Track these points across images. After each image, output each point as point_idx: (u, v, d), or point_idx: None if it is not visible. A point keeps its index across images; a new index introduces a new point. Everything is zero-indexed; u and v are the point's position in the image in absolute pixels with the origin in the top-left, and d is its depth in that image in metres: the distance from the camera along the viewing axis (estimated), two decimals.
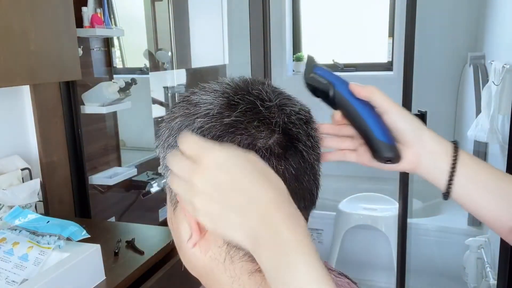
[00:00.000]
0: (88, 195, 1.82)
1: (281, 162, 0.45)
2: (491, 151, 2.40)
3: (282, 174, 0.45)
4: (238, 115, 0.45)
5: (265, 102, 0.46)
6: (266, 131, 0.45)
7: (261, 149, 0.44)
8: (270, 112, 0.46)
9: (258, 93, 0.47)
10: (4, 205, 1.33)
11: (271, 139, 0.45)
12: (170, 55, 2.29)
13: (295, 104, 0.49)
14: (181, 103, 0.49)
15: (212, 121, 0.45)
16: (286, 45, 3.30)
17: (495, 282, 1.99)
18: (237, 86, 0.48)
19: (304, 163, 0.47)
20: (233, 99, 0.46)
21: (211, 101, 0.46)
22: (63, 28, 1.37)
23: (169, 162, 0.43)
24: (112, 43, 2.13)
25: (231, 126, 0.44)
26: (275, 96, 0.48)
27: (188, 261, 0.51)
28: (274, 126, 0.45)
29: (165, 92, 2.31)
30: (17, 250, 1.06)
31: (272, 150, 0.45)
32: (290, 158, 0.46)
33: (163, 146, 0.49)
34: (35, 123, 1.58)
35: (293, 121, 0.47)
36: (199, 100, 0.47)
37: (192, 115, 0.46)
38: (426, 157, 0.54)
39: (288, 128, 0.46)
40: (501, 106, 2.01)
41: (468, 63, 2.63)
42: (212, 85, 0.49)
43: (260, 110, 0.46)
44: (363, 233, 2.68)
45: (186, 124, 0.46)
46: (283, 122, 0.46)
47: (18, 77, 1.23)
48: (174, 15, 2.24)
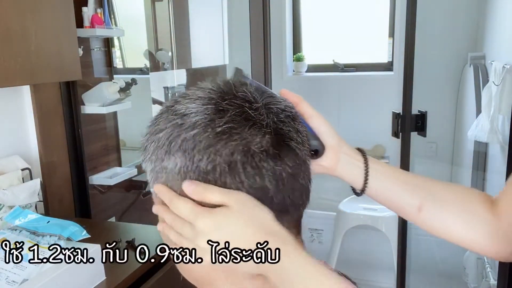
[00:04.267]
0: (88, 195, 1.82)
1: (278, 163, 0.45)
2: (491, 151, 2.40)
3: (279, 175, 0.46)
4: (228, 121, 0.44)
5: (253, 104, 0.46)
6: (259, 133, 0.45)
7: (257, 152, 0.44)
8: (259, 114, 0.46)
9: (243, 95, 0.47)
10: (4, 205, 1.33)
11: (264, 140, 0.45)
12: (170, 55, 2.28)
13: (279, 101, 0.49)
14: (165, 113, 0.48)
15: (204, 131, 0.44)
16: (286, 45, 3.29)
17: (495, 282, 1.98)
18: (222, 91, 0.47)
19: (298, 160, 0.47)
20: (220, 105, 0.45)
21: (198, 109, 0.46)
22: (63, 28, 1.37)
23: (167, 220, 0.48)
24: (112, 43, 2.13)
25: (223, 133, 0.44)
26: (259, 95, 0.48)
27: (186, 271, 0.51)
28: (265, 127, 0.45)
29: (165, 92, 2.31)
30: None
31: (267, 152, 0.45)
32: (285, 158, 0.46)
33: (150, 160, 0.48)
34: (35, 123, 1.58)
35: (282, 120, 0.47)
36: (185, 110, 0.46)
37: (179, 126, 0.46)
38: (344, 158, 0.62)
39: (279, 128, 0.46)
40: (501, 106, 2.00)
41: (468, 63, 2.63)
42: (195, 91, 0.48)
43: (249, 113, 0.45)
44: (363, 233, 2.68)
45: (175, 135, 0.46)
46: (273, 122, 0.46)
47: (18, 77, 1.24)
48: (174, 15, 2.23)
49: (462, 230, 0.62)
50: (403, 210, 0.64)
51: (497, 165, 2.28)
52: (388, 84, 3.02)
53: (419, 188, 0.64)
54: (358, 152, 0.64)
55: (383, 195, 0.64)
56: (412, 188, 0.63)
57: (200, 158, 0.44)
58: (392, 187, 0.63)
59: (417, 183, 0.64)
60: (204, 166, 0.44)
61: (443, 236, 0.64)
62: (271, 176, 0.45)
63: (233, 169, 0.44)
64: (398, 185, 0.63)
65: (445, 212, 0.62)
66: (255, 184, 0.45)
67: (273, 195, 0.46)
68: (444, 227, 0.63)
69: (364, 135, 3.13)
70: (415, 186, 0.64)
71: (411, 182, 0.64)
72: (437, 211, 0.62)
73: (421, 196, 0.63)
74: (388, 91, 2.96)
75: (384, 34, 3.16)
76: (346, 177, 0.63)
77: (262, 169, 0.45)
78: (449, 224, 0.62)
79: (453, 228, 0.62)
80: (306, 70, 3.32)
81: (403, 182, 0.64)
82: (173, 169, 0.46)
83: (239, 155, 0.44)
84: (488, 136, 2.13)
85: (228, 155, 0.44)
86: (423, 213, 0.62)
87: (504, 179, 1.71)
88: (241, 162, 0.44)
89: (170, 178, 0.47)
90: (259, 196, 0.46)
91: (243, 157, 0.44)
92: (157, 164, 0.47)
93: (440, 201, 0.63)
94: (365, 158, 0.63)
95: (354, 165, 0.63)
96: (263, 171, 0.45)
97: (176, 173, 0.46)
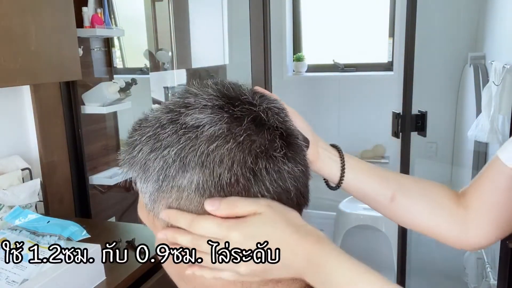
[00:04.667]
0: (89, 195, 1.82)
1: (296, 163, 0.46)
2: (492, 151, 2.40)
3: (297, 175, 0.46)
4: (247, 128, 0.43)
5: (256, 107, 0.45)
6: (273, 137, 0.44)
7: (277, 157, 0.44)
8: (266, 116, 0.45)
9: (246, 99, 0.45)
10: (4, 205, 1.33)
11: (280, 143, 0.44)
12: (170, 55, 2.28)
13: (270, 99, 0.48)
14: (172, 126, 0.44)
15: (225, 142, 0.42)
16: (286, 45, 3.29)
17: (495, 282, 1.98)
18: (225, 95, 0.45)
19: (304, 156, 0.48)
20: (234, 112, 0.44)
21: (211, 119, 0.43)
22: (63, 28, 1.37)
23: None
24: (112, 43, 2.13)
25: (244, 142, 0.43)
26: (255, 96, 0.47)
27: (201, 286, 0.49)
28: (276, 129, 0.45)
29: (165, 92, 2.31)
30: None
31: (286, 154, 0.45)
32: (297, 157, 0.46)
33: (153, 180, 0.45)
34: (35, 123, 1.58)
35: (284, 118, 0.47)
36: (195, 121, 0.43)
37: (193, 139, 0.43)
38: (322, 152, 0.64)
39: (285, 128, 0.46)
40: (501, 106, 2.00)
41: (468, 63, 2.63)
42: (197, 99, 0.45)
43: (262, 117, 0.45)
44: (363, 233, 2.68)
45: (188, 150, 0.42)
46: (278, 122, 0.46)
47: (18, 77, 1.24)
48: (174, 15, 2.23)
49: (429, 220, 0.66)
50: (376, 201, 0.68)
51: None
52: (388, 84, 3.02)
53: (392, 181, 0.67)
54: (333, 147, 0.66)
55: (357, 188, 0.67)
56: (385, 181, 0.67)
57: (221, 172, 0.42)
58: (366, 180, 0.67)
59: (389, 177, 0.68)
60: (227, 179, 0.42)
61: (411, 226, 0.69)
62: (292, 178, 0.45)
63: (258, 177, 0.43)
64: (372, 178, 0.67)
65: (414, 203, 0.67)
66: (278, 188, 0.45)
67: (293, 196, 0.46)
68: (413, 217, 0.67)
69: (364, 135, 3.13)
70: (388, 179, 0.67)
71: (384, 175, 0.68)
72: (407, 202, 0.67)
73: (393, 188, 0.66)
74: (388, 91, 2.96)
75: (384, 34, 3.16)
76: (323, 171, 0.65)
77: (283, 172, 0.44)
78: (416, 214, 0.67)
79: (420, 218, 0.67)
80: (306, 70, 3.33)
81: (377, 175, 0.67)
82: (189, 186, 0.43)
83: (263, 162, 0.43)
84: (488, 136, 2.13)
85: (253, 164, 0.43)
86: (394, 204, 0.66)
87: None
88: (265, 169, 0.43)
89: (184, 196, 0.44)
90: (284, 199, 0.45)
91: (267, 164, 0.43)
92: (165, 183, 0.44)
93: (409, 192, 0.67)
94: (341, 153, 0.66)
95: (331, 160, 0.65)
96: (284, 174, 0.44)
97: (193, 190, 0.43)
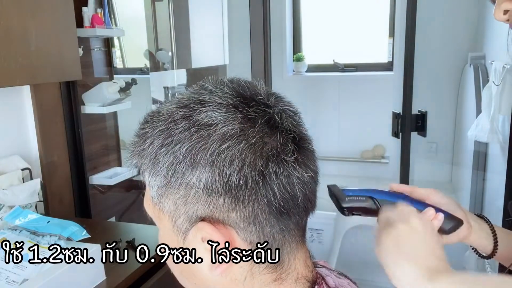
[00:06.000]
0: (89, 195, 1.82)
1: (306, 169, 0.45)
2: (492, 151, 2.40)
3: (306, 181, 0.45)
4: (260, 130, 0.42)
5: (270, 108, 0.44)
6: (285, 140, 0.44)
7: (288, 161, 0.43)
8: (280, 119, 0.44)
9: (261, 99, 0.45)
10: (4, 205, 1.33)
11: (291, 146, 0.44)
12: (170, 55, 2.28)
13: (284, 101, 0.47)
14: (185, 122, 0.43)
15: (237, 142, 0.42)
16: (286, 45, 3.29)
17: None
18: (240, 94, 0.45)
19: (315, 162, 0.47)
20: (248, 113, 0.43)
21: (225, 118, 0.43)
22: (64, 28, 1.37)
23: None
24: (112, 43, 2.13)
25: (256, 144, 0.42)
26: (271, 97, 0.46)
27: (202, 284, 0.49)
28: (289, 133, 0.44)
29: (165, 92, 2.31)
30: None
31: (297, 159, 0.44)
32: (308, 163, 0.45)
33: (162, 174, 0.44)
34: (35, 123, 1.58)
35: (297, 121, 0.46)
36: (208, 119, 0.43)
37: (205, 137, 0.42)
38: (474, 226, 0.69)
39: (298, 132, 0.45)
40: (501, 106, 2.00)
41: (468, 63, 2.63)
42: (212, 96, 0.44)
43: (276, 119, 0.44)
44: (363, 233, 2.68)
45: (200, 148, 0.42)
46: (292, 125, 0.45)
47: (18, 77, 1.23)
48: (174, 15, 2.23)
49: None
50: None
51: (497, 165, 2.28)
52: (388, 84, 3.02)
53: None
54: (481, 218, 0.71)
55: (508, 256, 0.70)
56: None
57: (231, 172, 0.42)
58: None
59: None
60: (236, 180, 0.42)
61: None
62: (300, 184, 0.44)
63: (266, 181, 0.42)
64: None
65: None
66: (286, 194, 0.44)
67: (300, 201, 0.45)
68: None
69: (364, 135, 3.14)
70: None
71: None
72: None
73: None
74: (388, 91, 2.96)
75: (384, 34, 3.16)
76: (477, 242, 0.70)
77: (293, 178, 0.44)
78: None
79: None
80: (306, 70, 3.33)
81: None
82: (197, 184, 0.43)
83: (273, 166, 0.42)
84: (488, 136, 2.13)
85: (263, 167, 0.42)
86: None
87: (504, 179, 1.71)
88: (275, 173, 0.43)
89: (192, 194, 0.43)
90: (291, 205, 0.45)
91: (277, 168, 0.43)
92: (173, 179, 0.43)
93: None
94: (489, 223, 0.70)
95: (484, 231, 0.70)
96: (294, 179, 0.44)
97: (201, 188, 0.43)
